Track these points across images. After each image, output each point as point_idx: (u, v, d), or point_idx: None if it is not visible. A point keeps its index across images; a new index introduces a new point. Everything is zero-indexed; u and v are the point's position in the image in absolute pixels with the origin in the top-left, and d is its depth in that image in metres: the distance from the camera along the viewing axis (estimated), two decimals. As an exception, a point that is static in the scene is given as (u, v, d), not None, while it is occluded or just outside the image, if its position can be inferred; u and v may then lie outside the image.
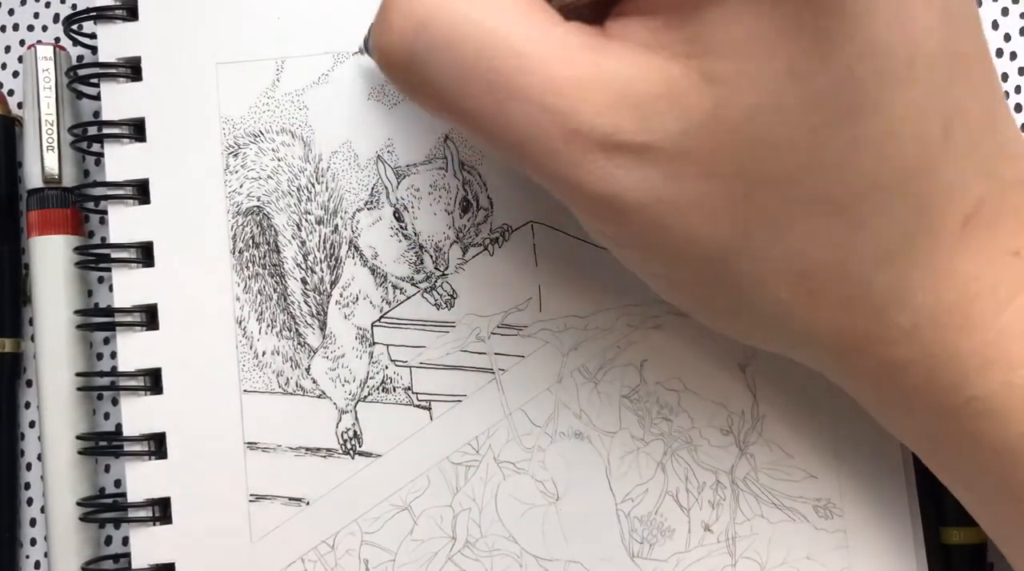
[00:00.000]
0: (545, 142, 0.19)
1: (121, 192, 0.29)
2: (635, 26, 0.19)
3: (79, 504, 0.29)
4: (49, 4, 0.32)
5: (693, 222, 0.20)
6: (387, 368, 0.28)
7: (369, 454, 0.28)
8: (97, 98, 0.29)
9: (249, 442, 0.28)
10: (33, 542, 0.30)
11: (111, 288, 0.29)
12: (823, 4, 0.18)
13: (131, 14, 0.29)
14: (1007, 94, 0.30)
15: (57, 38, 0.32)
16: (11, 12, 0.32)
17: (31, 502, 0.30)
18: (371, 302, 0.28)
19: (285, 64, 0.29)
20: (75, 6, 0.32)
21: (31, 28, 0.32)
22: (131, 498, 0.28)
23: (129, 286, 0.29)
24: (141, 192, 0.29)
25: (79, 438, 0.29)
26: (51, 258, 0.29)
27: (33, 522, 0.30)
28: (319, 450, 0.28)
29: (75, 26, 0.30)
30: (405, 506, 0.28)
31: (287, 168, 0.29)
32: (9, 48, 0.32)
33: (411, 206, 0.28)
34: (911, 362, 0.21)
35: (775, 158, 0.19)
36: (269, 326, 0.29)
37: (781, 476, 0.28)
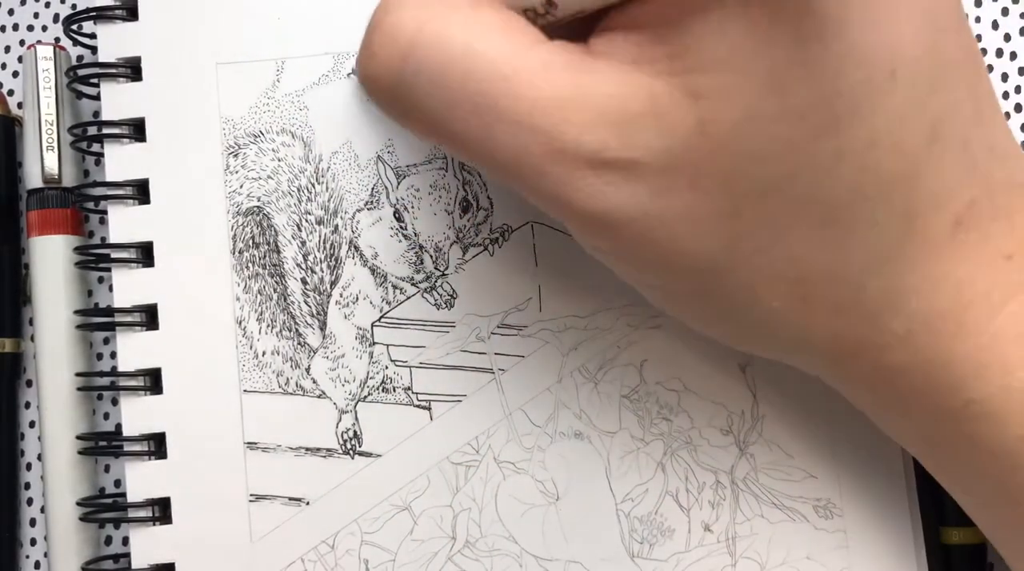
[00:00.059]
0: (533, 162, 0.20)
1: (121, 192, 0.29)
2: (619, 41, 0.20)
3: (79, 504, 0.29)
4: (49, 4, 0.32)
5: (682, 235, 0.20)
6: (387, 368, 0.28)
7: (369, 454, 0.28)
8: (97, 98, 0.29)
9: (249, 442, 0.28)
10: (33, 542, 0.30)
11: (111, 288, 0.29)
12: (804, 18, 0.18)
13: (131, 14, 0.29)
14: (1007, 94, 0.30)
15: (57, 38, 0.32)
16: (11, 12, 0.32)
17: (31, 502, 0.30)
18: (371, 302, 0.28)
19: (285, 64, 0.29)
20: (75, 6, 0.32)
21: (31, 28, 0.32)
22: (131, 498, 0.28)
23: (129, 286, 0.29)
24: (141, 192, 0.29)
25: (79, 438, 0.29)
26: (51, 258, 0.29)
27: (33, 522, 0.30)
28: (319, 450, 0.28)
29: (75, 26, 0.30)
30: (405, 506, 0.28)
31: (287, 168, 0.29)
32: (9, 48, 0.32)
33: (411, 206, 0.28)
34: (906, 367, 0.21)
35: (760, 171, 0.19)
36: (269, 326, 0.29)
37: (781, 476, 0.28)
